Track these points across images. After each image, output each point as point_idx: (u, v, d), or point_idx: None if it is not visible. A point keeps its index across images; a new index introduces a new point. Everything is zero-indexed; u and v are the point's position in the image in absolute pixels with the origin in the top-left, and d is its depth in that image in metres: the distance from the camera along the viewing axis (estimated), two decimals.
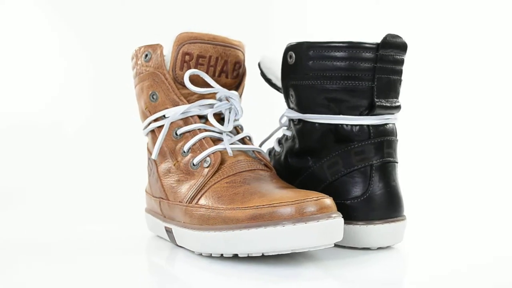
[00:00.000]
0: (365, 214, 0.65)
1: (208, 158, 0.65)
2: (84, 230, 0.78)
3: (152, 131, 0.70)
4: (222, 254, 0.60)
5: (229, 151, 0.65)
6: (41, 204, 0.96)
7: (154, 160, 0.70)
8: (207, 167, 0.65)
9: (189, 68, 0.67)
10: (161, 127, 0.69)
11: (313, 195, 0.58)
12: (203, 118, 0.68)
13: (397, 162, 0.68)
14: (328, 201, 0.59)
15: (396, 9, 1.29)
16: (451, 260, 0.63)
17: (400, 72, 0.67)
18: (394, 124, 0.68)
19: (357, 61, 0.64)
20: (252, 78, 0.75)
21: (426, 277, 0.57)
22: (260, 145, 0.77)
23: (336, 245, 0.66)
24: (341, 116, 0.66)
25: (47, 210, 0.92)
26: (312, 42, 0.66)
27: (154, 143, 0.70)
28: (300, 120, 0.69)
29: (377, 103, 0.65)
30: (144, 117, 0.71)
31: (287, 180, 0.70)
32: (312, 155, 0.68)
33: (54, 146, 1.16)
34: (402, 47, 0.66)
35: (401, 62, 0.67)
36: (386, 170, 0.66)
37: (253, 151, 0.68)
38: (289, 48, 0.68)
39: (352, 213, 0.65)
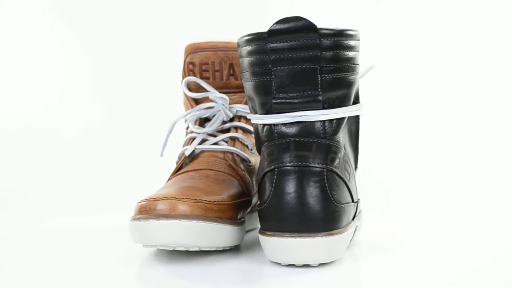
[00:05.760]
0: (264, 223, 0.59)
1: (178, 158, 0.71)
2: (82, 231, 0.78)
3: None
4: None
5: (187, 152, 0.69)
6: (40, 204, 0.95)
7: None
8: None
9: (194, 76, 0.74)
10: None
11: (180, 196, 0.59)
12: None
13: (317, 168, 0.56)
14: (180, 204, 0.58)
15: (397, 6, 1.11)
16: None
17: (316, 59, 0.56)
18: (319, 122, 0.57)
19: (254, 55, 0.58)
20: None
21: None
22: None
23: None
24: (256, 115, 0.61)
25: (46, 210, 0.91)
26: (240, 38, 0.63)
27: None
28: None
29: (275, 100, 0.57)
30: None
31: None
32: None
33: (54, 147, 1.12)
34: (305, 29, 0.55)
35: (314, 46, 0.56)
36: (291, 176, 0.56)
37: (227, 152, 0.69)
38: None
39: (260, 220, 0.60)
